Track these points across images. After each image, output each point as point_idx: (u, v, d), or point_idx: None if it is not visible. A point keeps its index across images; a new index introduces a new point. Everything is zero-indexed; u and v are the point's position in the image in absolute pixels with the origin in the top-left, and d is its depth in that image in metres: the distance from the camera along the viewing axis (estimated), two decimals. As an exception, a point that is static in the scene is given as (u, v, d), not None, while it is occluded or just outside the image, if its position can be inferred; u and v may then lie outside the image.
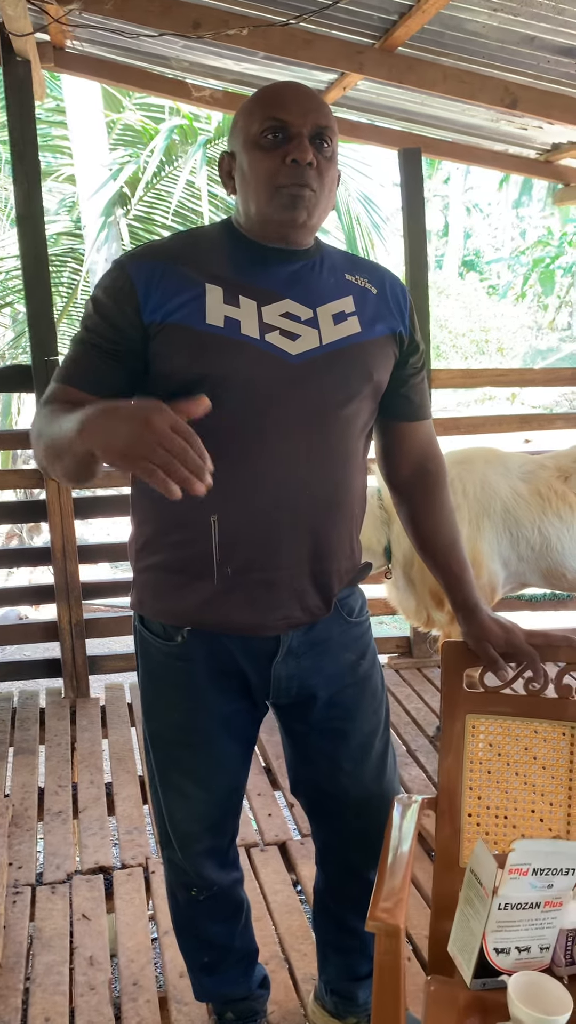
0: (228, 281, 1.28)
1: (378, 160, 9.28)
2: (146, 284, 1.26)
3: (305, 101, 1.27)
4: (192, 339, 1.25)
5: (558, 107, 2.97)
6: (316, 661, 1.42)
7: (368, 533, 2.78)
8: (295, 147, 1.24)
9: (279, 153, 1.24)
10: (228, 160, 1.34)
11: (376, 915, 1.17)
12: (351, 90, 3.23)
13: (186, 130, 7.99)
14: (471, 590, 1.51)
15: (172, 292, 1.26)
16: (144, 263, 1.28)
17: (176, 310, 1.25)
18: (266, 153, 1.25)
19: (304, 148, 1.24)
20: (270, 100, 1.27)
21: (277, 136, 1.25)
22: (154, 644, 1.41)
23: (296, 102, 1.26)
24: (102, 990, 1.89)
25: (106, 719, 3.19)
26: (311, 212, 1.28)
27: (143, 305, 1.25)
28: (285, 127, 1.24)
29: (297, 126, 1.24)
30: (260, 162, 1.25)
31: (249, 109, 1.29)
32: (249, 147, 1.27)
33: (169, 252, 1.31)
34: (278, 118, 1.24)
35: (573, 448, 2.90)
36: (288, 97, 1.27)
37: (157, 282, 1.26)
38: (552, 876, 1.29)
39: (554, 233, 22.34)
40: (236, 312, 1.27)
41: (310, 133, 1.25)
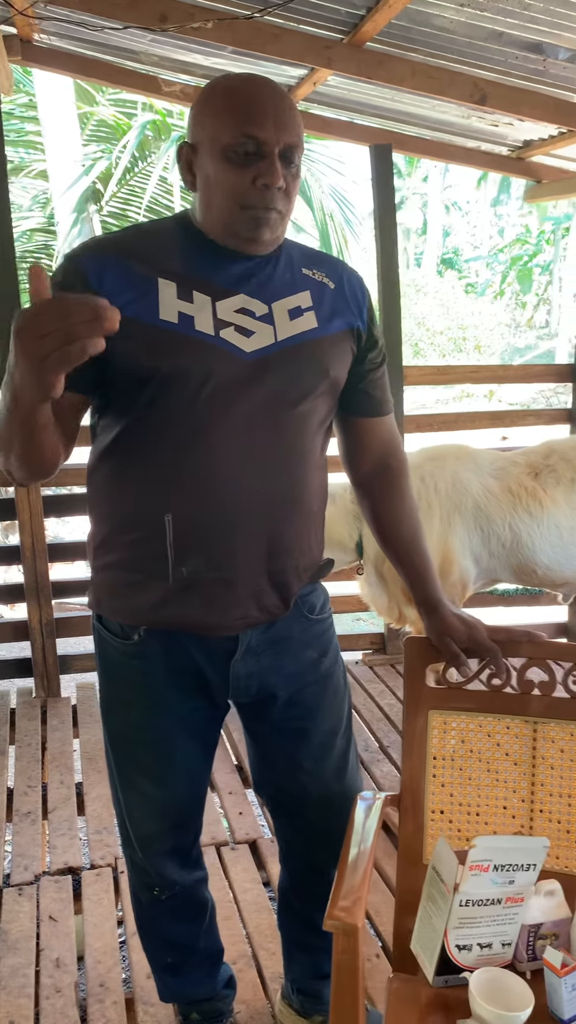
0: (182, 276, 1.26)
1: (351, 157, 9.29)
2: (98, 276, 1.23)
3: (280, 115, 1.21)
4: (145, 334, 1.22)
5: (527, 103, 2.98)
6: (276, 660, 1.41)
7: (340, 529, 2.78)
8: (267, 169, 1.20)
9: (249, 172, 1.20)
10: (188, 152, 1.27)
11: (334, 914, 1.16)
12: (321, 85, 3.23)
13: (159, 125, 7.96)
14: (434, 586, 1.51)
15: (124, 286, 1.23)
16: (96, 255, 1.25)
17: (128, 304, 1.22)
18: (236, 169, 1.21)
19: (275, 172, 1.20)
20: (244, 110, 1.20)
21: (248, 151, 1.20)
22: (112, 643, 1.40)
23: (271, 117, 1.20)
24: (68, 992, 1.87)
25: (77, 719, 3.16)
26: (275, 229, 1.26)
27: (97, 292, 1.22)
28: (257, 144, 1.20)
29: (270, 145, 1.20)
30: (229, 177, 1.21)
31: (218, 110, 1.22)
32: (218, 157, 1.21)
33: (121, 245, 1.28)
34: (253, 136, 1.19)
35: (543, 445, 2.90)
36: (264, 110, 1.20)
37: (109, 275, 1.23)
38: (513, 872, 1.29)
39: (532, 231, 22.48)
40: (190, 308, 1.25)
41: (281, 150, 1.22)
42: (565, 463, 2.78)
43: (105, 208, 7.92)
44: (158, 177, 7.64)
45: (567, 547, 2.75)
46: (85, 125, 8.20)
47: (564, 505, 2.75)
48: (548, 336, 21.45)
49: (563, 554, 2.76)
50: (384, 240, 3.33)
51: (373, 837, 1.36)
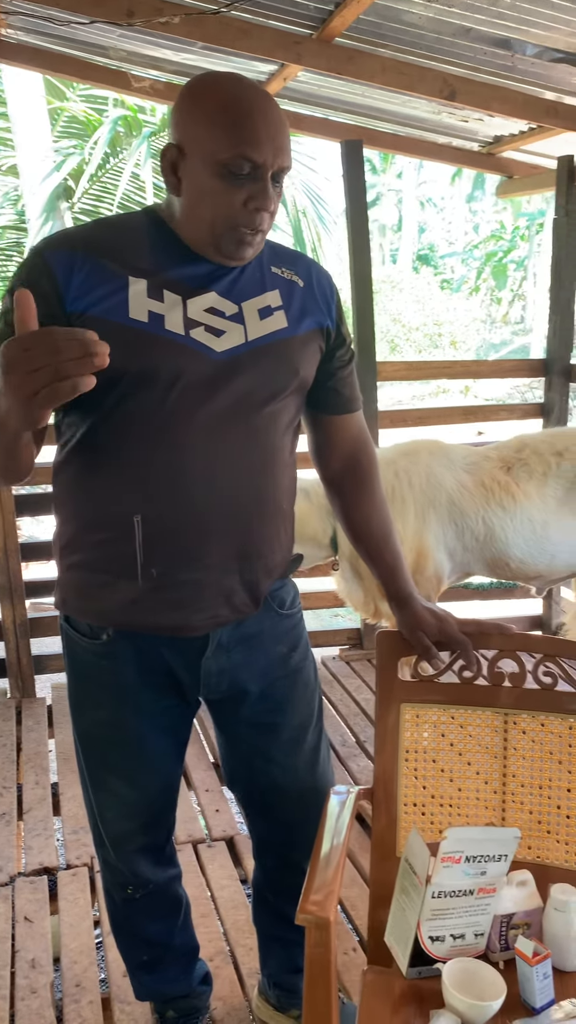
0: (152, 274, 1.25)
1: (324, 153, 9.30)
2: (66, 273, 1.21)
3: (278, 135, 1.19)
4: (114, 334, 1.19)
5: (497, 99, 2.99)
6: (247, 655, 1.41)
7: (313, 524, 2.78)
8: (260, 192, 1.19)
9: (242, 193, 1.19)
10: (175, 154, 1.22)
11: (306, 908, 1.17)
12: (292, 81, 3.22)
13: (131, 122, 7.91)
14: (405, 581, 1.51)
15: (94, 283, 1.21)
16: (63, 251, 1.23)
17: (98, 302, 1.21)
18: (229, 187, 1.18)
19: (268, 197, 1.20)
20: (244, 129, 1.16)
21: (243, 171, 1.18)
22: (80, 643, 1.39)
23: (269, 139, 1.17)
24: (44, 993, 1.86)
25: (52, 719, 3.14)
26: (257, 249, 1.27)
27: (64, 294, 1.20)
28: (253, 167, 1.18)
29: (265, 167, 1.18)
30: (221, 194, 1.19)
31: (214, 119, 1.17)
32: (211, 171, 1.18)
33: (89, 240, 1.25)
34: (250, 158, 1.16)
35: (515, 439, 2.92)
36: (263, 129, 1.17)
37: (78, 271, 1.21)
38: (485, 863, 1.30)
39: (506, 227, 22.63)
40: (160, 307, 1.23)
41: (274, 173, 1.20)
42: (537, 457, 2.80)
43: (77, 205, 7.87)
44: (130, 174, 7.60)
45: (540, 540, 2.78)
46: (56, 121, 8.14)
47: (536, 499, 2.77)
48: (523, 332, 21.60)
49: (536, 547, 2.78)
50: (356, 236, 3.33)
51: (346, 831, 1.36)
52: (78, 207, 7.90)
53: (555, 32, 2.54)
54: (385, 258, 24.28)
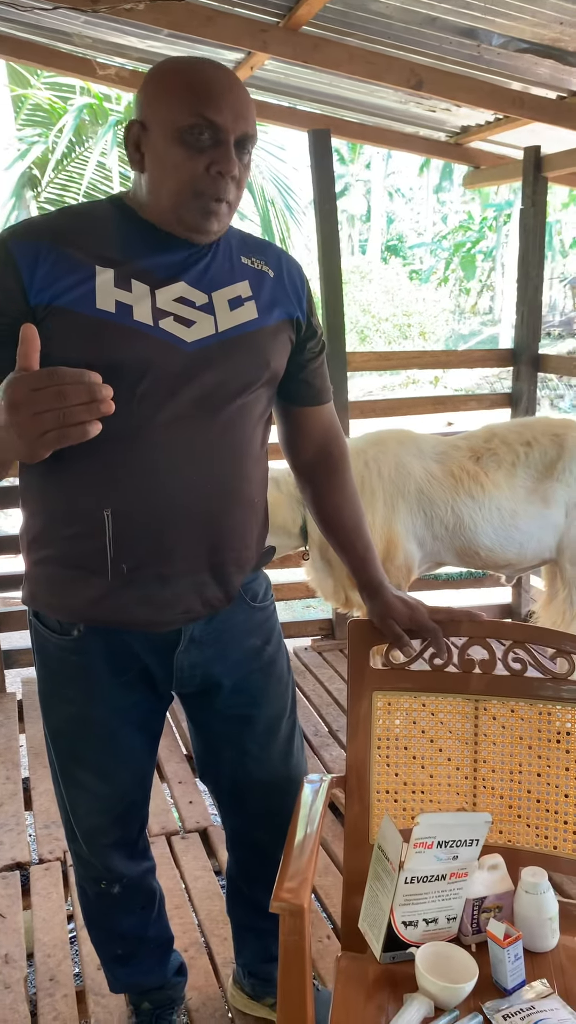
0: (119, 263, 1.23)
1: (292, 143, 9.27)
2: (31, 263, 1.19)
3: (238, 102, 1.18)
4: (81, 324, 1.19)
5: (463, 89, 3.00)
6: (220, 649, 1.41)
7: (283, 514, 2.78)
8: (222, 157, 1.18)
9: (204, 158, 1.17)
10: (138, 131, 1.21)
11: (280, 896, 1.17)
12: (259, 70, 3.20)
13: (96, 110, 7.82)
14: (375, 570, 1.52)
15: (59, 273, 1.19)
16: (27, 241, 1.20)
17: (64, 293, 1.19)
18: (190, 153, 1.17)
19: (231, 160, 1.18)
20: (201, 92, 1.16)
21: (203, 136, 1.17)
22: (50, 639, 1.37)
23: (229, 102, 1.17)
24: (17, 988, 1.85)
25: (23, 713, 3.12)
26: (223, 221, 1.24)
27: (28, 286, 1.18)
28: (214, 129, 1.17)
29: (226, 131, 1.17)
30: (182, 162, 1.17)
31: (174, 89, 1.18)
32: (172, 139, 1.17)
33: (54, 229, 1.23)
34: (209, 119, 1.16)
35: (484, 429, 2.94)
36: (221, 93, 1.17)
37: (43, 261, 1.19)
38: (456, 848, 1.31)
39: (474, 218, 22.75)
40: (128, 297, 1.21)
41: (237, 139, 1.19)
42: (506, 447, 2.82)
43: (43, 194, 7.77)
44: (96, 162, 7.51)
45: (508, 529, 2.80)
46: (20, 109, 8.02)
47: (505, 488, 2.79)
48: (492, 322, 21.75)
49: (504, 536, 2.80)
50: (325, 226, 3.32)
51: (319, 819, 1.37)
52: (44, 196, 7.80)
53: (520, 22, 2.55)
54: (354, 248, 24.31)
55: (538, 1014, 1.23)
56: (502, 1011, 1.25)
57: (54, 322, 1.19)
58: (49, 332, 1.20)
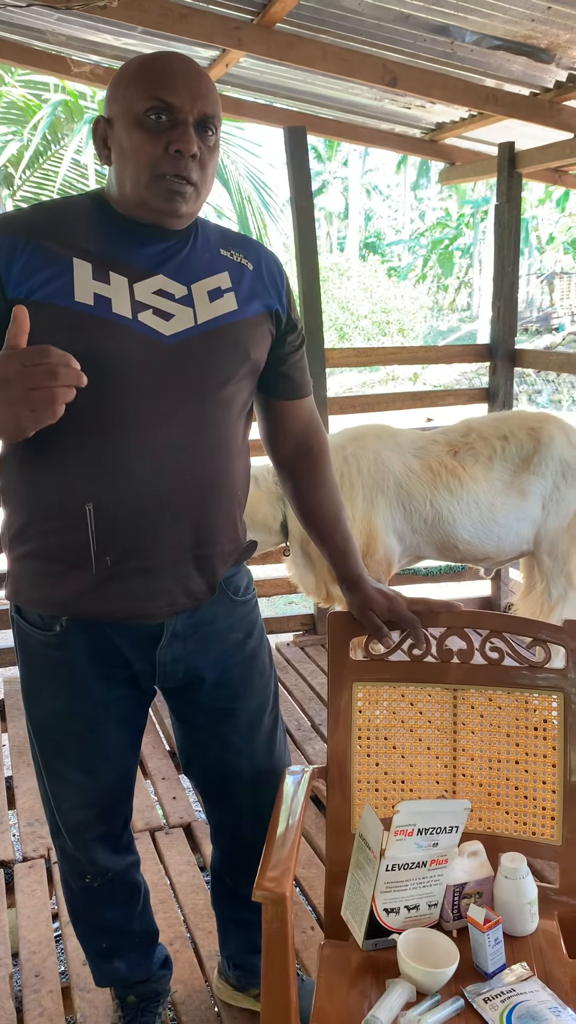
0: (97, 256, 1.23)
1: (268, 140, 9.28)
2: (7, 258, 1.19)
3: (194, 84, 1.20)
4: (60, 318, 1.19)
5: (437, 86, 3.01)
6: (202, 643, 1.42)
7: (264, 510, 2.79)
8: (180, 136, 1.18)
9: (162, 139, 1.18)
10: (104, 126, 1.25)
11: (263, 884, 1.18)
12: (234, 67, 3.20)
13: (71, 107, 7.78)
14: (355, 562, 1.53)
15: (36, 266, 1.20)
16: (3, 236, 1.21)
17: (41, 286, 1.19)
18: (148, 136, 1.18)
19: (189, 139, 1.18)
20: (158, 77, 1.19)
21: (162, 118, 1.18)
22: (32, 634, 1.38)
23: (185, 84, 1.18)
24: (2, 985, 1.85)
25: (5, 712, 3.12)
26: (190, 203, 1.24)
27: (6, 280, 1.19)
28: (171, 110, 1.18)
29: (184, 112, 1.18)
30: (141, 145, 1.19)
31: (133, 79, 1.20)
32: (130, 124, 1.19)
33: (30, 224, 1.24)
34: (165, 100, 1.17)
35: (462, 423, 2.96)
36: (177, 77, 1.19)
37: (19, 256, 1.19)
38: (437, 835, 1.33)
39: (452, 215, 22.83)
40: (106, 289, 1.22)
41: (196, 120, 1.20)
42: (483, 441, 2.85)
43: (18, 192, 7.72)
44: (71, 160, 7.47)
45: (486, 523, 2.83)
46: (-6, 107, 7.99)
47: (483, 482, 2.81)
48: (470, 319, 21.86)
49: (483, 529, 2.83)
50: (302, 222, 3.34)
51: (301, 810, 1.38)
52: (19, 194, 7.75)
53: (493, 19, 2.57)
54: (332, 246, 24.34)
55: (518, 996, 1.26)
56: (483, 994, 1.27)
57: (32, 316, 1.19)
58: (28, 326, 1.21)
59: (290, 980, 1.18)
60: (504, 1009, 1.23)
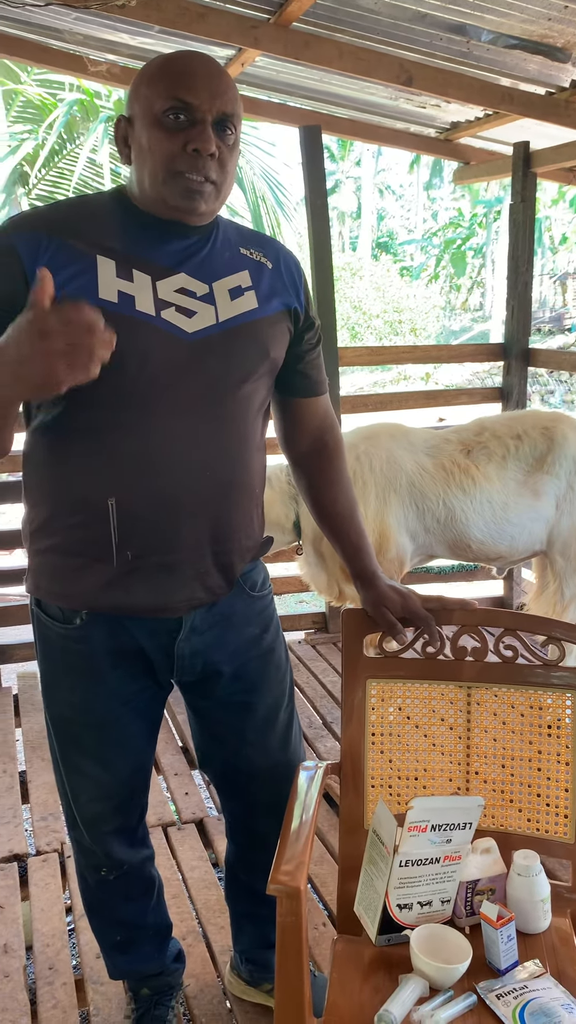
0: (120, 254, 1.24)
1: (283, 139, 9.29)
2: (32, 254, 1.20)
3: (213, 82, 1.20)
4: None
5: (453, 85, 3.01)
6: (219, 637, 1.43)
7: (276, 509, 2.80)
8: (198, 135, 1.19)
9: (181, 137, 1.19)
10: (125, 125, 1.26)
11: (277, 878, 1.19)
12: (250, 66, 3.21)
13: (87, 106, 7.81)
14: (369, 559, 1.54)
15: (61, 263, 1.21)
16: (28, 232, 1.22)
17: (66, 283, 1.20)
18: (167, 134, 1.19)
19: (207, 138, 1.19)
20: (177, 76, 1.20)
21: (180, 118, 1.19)
22: (52, 627, 1.39)
23: (204, 83, 1.19)
24: (17, 977, 1.87)
25: (19, 708, 3.13)
26: (209, 202, 1.25)
27: (31, 277, 1.19)
28: (190, 110, 1.19)
29: (202, 111, 1.19)
30: (160, 143, 1.20)
31: (153, 78, 1.22)
32: (150, 123, 1.20)
33: (54, 221, 1.25)
34: (183, 100, 1.18)
35: (475, 422, 2.96)
36: (196, 76, 1.20)
37: (44, 252, 1.21)
38: (450, 831, 1.33)
39: (465, 215, 22.77)
40: (130, 287, 1.23)
41: (214, 119, 1.20)
42: (496, 440, 2.85)
43: (33, 191, 7.75)
44: (86, 159, 7.50)
45: (499, 522, 2.82)
46: (11, 105, 8.00)
47: (496, 481, 2.81)
48: (482, 319, 21.80)
49: (496, 529, 2.83)
50: (316, 221, 3.34)
51: (315, 805, 1.39)
52: (34, 193, 7.79)
53: (510, 18, 2.57)
54: (345, 245, 24.31)
55: (531, 993, 1.26)
56: (495, 991, 1.27)
57: None
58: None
59: (304, 973, 1.19)
60: (517, 1006, 1.24)
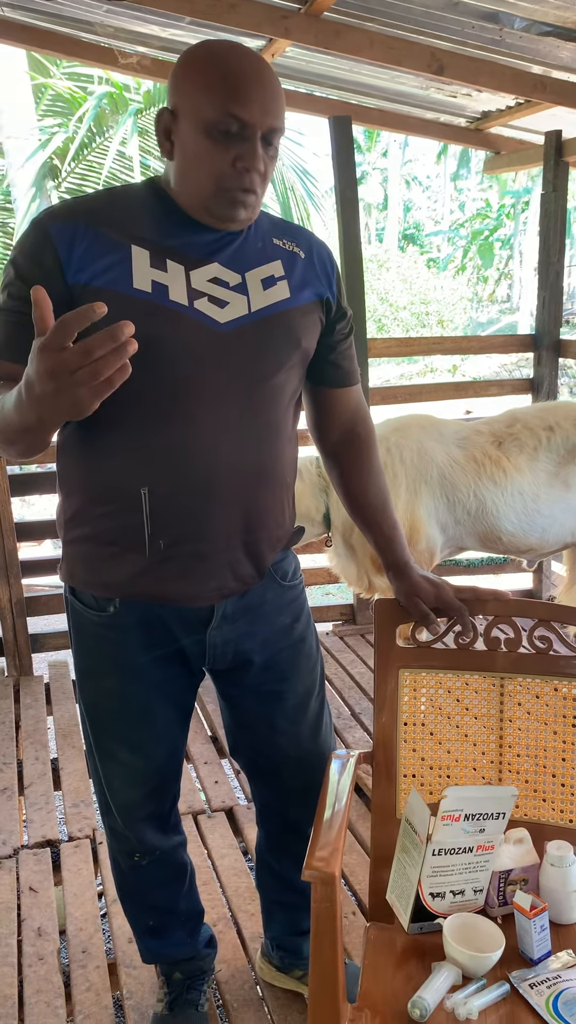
0: (154, 244, 1.25)
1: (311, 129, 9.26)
2: (68, 244, 1.21)
3: (266, 96, 1.19)
4: (119, 304, 1.19)
5: (484, 73, 2.99)
6: (251, 625, 1.44)
7: (307, 501, 2.80)
8: (248, 153, 1.19)
9: (231, 152, 1.19)
10: (168, 118, 1.23)
11: (312, 864, 1.20)
12: (280, 57, 3.20)
13: (116, 99, 7.82)
14: (402, 549, 1.54)
15: (96, 254, 1.22)
16: (65, 223, 1.23)
17: (101, 273, 1.21)
18: (216, 146, 1.19)
19: (256, 156, 1.19)
20: (231, 88, 1.17)
21: (231, 131, 1.18)
22: (86, 615, 1.41)
23: (258, 96, 1.17)
24: (51, 960, 1.90)
25: (50, 696, 3.17)
26: (251, 212, 1.26)
27: (66, 266, 1.21)
28: (242, 125, 1.17)
29: (253, 127, 1.18)
30: (210, 155, 1.19)
31: (205, 82, 1.18)
32: (199, 131, 1.19)
33: (91, 211, 1.26)
34: (238, 116, 1.17)
35: (506, 414, 2.94)
36: (250, 87, 1.17)
37: (80, 242, 1.22)
38: (483, 821, 1.34)
39: (492, 206, 22.57)
40: (164, 277, 1.24)
41: (264, 133, 1.20)
42: (528, 431, 2.83)
43: (64, 184, 7.79)
44: (116, 152, 7.52)
45: (531, 514, 2.81)
46: (40, 99, 8.04)
47: (527, 472, 2.79)
48: (510, 311, 21.61)
49: (527, 521, 2.81)
50: (346, 212, 3.33)
51: (348, 793, 1.40)
52: (64, 186, 7.83)
53: (543, 5, 2.54)
54: (371, 237, 24.19)
55: (564, 983, 1.26)
56: (528, 980, 1.27)
57: (91, 301, 1.21)
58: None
59: (339, 960, 1.20)
60: (550, 995, 1.24)
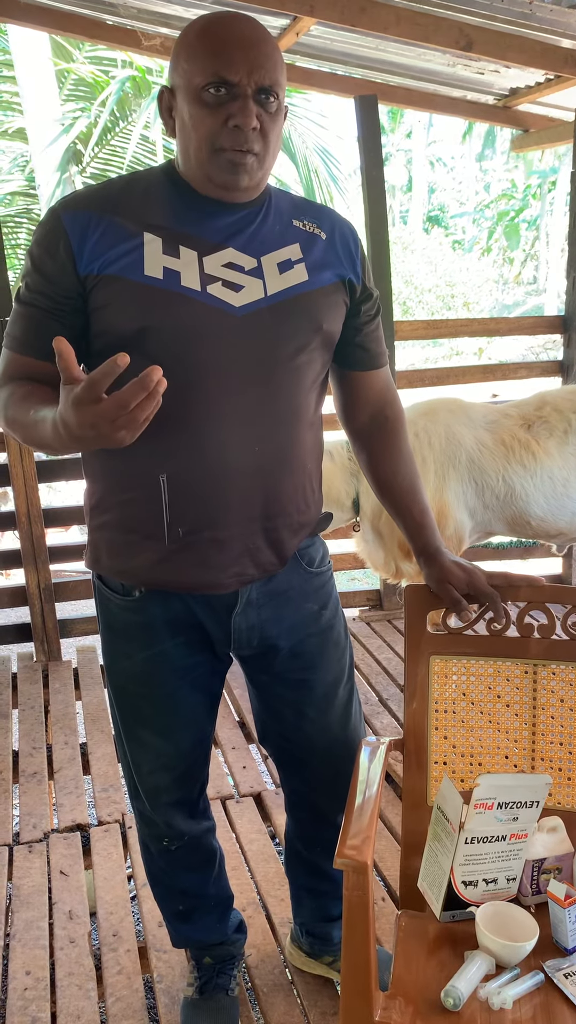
0: (167, 231, 1.24)
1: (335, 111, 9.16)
2: (80, 235, 1.21)
3: (252, 53, 1.17)
4: (130, 291, 1.21)
5: (513, 48, 2.93)
6: (276, 611, 1.42)
7: (337, 486, 2.78)
8: (238, 110, 1.17)
9: (221, 113, 1.18)
10: (168, 96, 1.25)
11: (344, 852, 1.19)
12: (304, 36, 3.16)
13: (139, 83, 7.78)
14: (432, 534, 1.52)
15: (109, 243, 1.22)
16: (78, 212, 1.23)
17: (114, 261, 1.21)
18: (207, 110, 1.18)
19: (248, 112, 1.17)
20: (215, 49, 1.17)
21: (220, 92, 1.17)
22: (113, 600, 1.40)
23: (243, 56, 1.16)
24: (82, 943, 1.91)
25: (79, 681, 3.19)
26: (253, 175, 1.23)
27: (78, 257, 1.21)
28: (229, 85, 1.17)
29: (242, 86, 1.17)
30: (201, 120, 1.18)
31: (193, 50, 1.19)
32: (190, 98, 1.19)
33: (104, 200, 1.25)
34: (222, 76, 1.16)
35: (535, 397, 2.90)
36: (235, 47, 1.17)
37: (93, 232, 1.22)
38: (517, 809, 1.32)
39: (518, 186, 22.25)
40: (176, 263, 1.23)
41: (255, 91, 1.18)
42: (558, 414, 2.79)
43: (87, 169, 7.78)
44: (139, 136, 7.49)
45: (560, 498, 2.77)
46: (63, 83, 8.02)
47: (557, 456, 2.75)
48: (536, 292, 21.34)
49: (556, 505, 2.77)
50: (372, 193, 3.29)
51: (379, 781, 1.38)
52: (88, 171, 7.81)
53: (575, -23, 2.48)
54: (395, 219, 23.95)
55: (599, 973, 1.24)
56: (563, 969, 1.26)
57: (104, 291, 1.22)
58: (99, 301, 1.22)
59: (371, 947, 1.19)
60: (586, 985, 1.22)
